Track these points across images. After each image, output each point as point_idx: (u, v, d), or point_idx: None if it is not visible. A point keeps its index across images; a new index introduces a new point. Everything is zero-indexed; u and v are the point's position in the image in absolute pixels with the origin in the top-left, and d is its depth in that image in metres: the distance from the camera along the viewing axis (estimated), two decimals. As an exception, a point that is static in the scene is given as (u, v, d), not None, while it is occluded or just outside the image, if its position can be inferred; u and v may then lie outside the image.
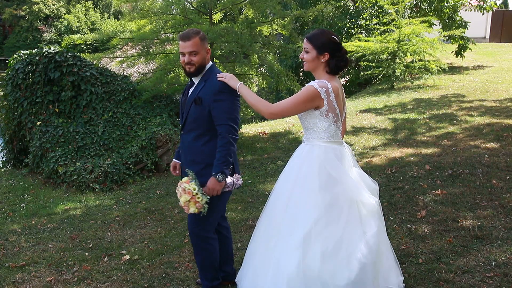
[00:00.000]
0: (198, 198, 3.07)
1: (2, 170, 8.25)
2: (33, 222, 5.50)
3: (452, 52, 16.09)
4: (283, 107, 2.98)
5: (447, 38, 15.06)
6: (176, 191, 3.18)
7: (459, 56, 15.99)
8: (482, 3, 16.19)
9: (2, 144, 8.47)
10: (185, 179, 3.15)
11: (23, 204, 6.22)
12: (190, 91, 3.27)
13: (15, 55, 7.85)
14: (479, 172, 5.73)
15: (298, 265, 2.88)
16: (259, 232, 3.24)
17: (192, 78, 3.27)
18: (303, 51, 3.05)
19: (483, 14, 16.99)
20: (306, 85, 2.97)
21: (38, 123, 7.40)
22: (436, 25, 15.37)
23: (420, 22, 12.84)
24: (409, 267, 3.75)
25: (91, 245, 4.68)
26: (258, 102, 3.03)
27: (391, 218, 4.71)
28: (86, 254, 4.45)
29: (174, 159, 3.60)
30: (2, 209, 6.08)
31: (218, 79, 3.13)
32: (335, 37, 2.99)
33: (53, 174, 6.98)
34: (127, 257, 4.30)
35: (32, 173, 7.48)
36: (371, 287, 2.92)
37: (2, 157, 8.50)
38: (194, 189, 3.07)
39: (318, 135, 3.03)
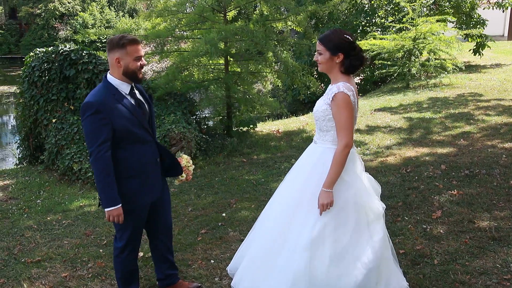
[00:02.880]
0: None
1: (18, 166, 8.35)
2: (48, 218, 5.55)
3: (470, 50, 15.86)
4: (347, 132, 2.88)
5: (464, 36, 14.86)
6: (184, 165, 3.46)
7: (477, 54, 15.76)
8: (501, 0, 15.92)
9: (18, 141, 8.57)
10: (185, 156, 3.50)
11: (38, 201, 6.28)
12: (139, 97, 3.16)
13: (31, 53, 7.94)
14: (496, 173, 5.64)
15: (306, 266, 2.89)
16: (261, 234, 3.23)
17: (133, 84, 3.11)
18: (316, 53, 3.00)
19: (503, 11, 16.70)
20: (335, 94, 2.88)
21: (54, 120, 7.47)
22: (452, 23, 15.16)
23: (437, 21, 12.67)
24: (424, 268, 3.71)
25: (105, 241, 4.71)
26: (339, 162, 2.89)
27: (406, 218, 4.66)
28: (101, 250, 4.48)
29: (120, 206, 3.01)
30: (18, 205, 6.15)
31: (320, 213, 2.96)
32: (348, 37, 2.93)
33: (68, 171, 7.03)
34: (141, 254, 4.31)
35: (48, 170, 7.56)
36: None
37: (18, 154, 8.60)
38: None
39: (334, 139, 2.97)
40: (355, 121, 3.01)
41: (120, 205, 3.00)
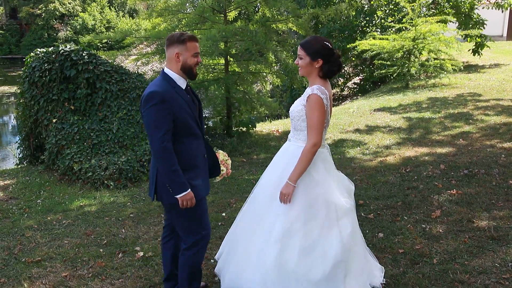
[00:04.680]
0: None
1: (19, 166, 8.36)
2: (48, 218, 5.56)
3: (469, 50, 15.87)
4: (316, 132, 3.03)
5: (463, 36, 14.87)
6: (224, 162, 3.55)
7: (476, 54, 15.77)
8: (500, 0, 15.93)
9: (19, 141, 8.58)
10: (222, 152, 3.57)
11: (39, 200, 6.29)
12: (192, 94, 3.24)
13: (32, 53, 7.94)
14: (495, 172, 5.65)
15: (276, 259, 3.06)
16: (242, 226, 3.41)
17: (187, 81, 3.18)
18: (297, 58, 3.16)
19: (502, 12, 16.71)
20: (309, 95, 3.05)
21: (54, 121, 7.48)
22: (453, 22, 15.18)
23: (437, 22, 12.68)
24: (424, 267, 3.72)
25: (105, 241, 4.72)
26: (306, 159, 3.04)
27: (405, 217, 4.68)
28: (101, 250, 4.49)
29: (189, 190, 3.05)
30: (19, 205, 6.16)
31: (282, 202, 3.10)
32: (327, 43, 3.09)
33: (69, 171, 7.05)
34: (141, 253, 4.33)
35: (48, 169, 7.57)
36: (342, 285, 3.10)
37: (19, 154, 8.61)
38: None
39: (307, 138, 3.11)
40: (327, 123, 3.17)
41: (190, 189, 3.03)
